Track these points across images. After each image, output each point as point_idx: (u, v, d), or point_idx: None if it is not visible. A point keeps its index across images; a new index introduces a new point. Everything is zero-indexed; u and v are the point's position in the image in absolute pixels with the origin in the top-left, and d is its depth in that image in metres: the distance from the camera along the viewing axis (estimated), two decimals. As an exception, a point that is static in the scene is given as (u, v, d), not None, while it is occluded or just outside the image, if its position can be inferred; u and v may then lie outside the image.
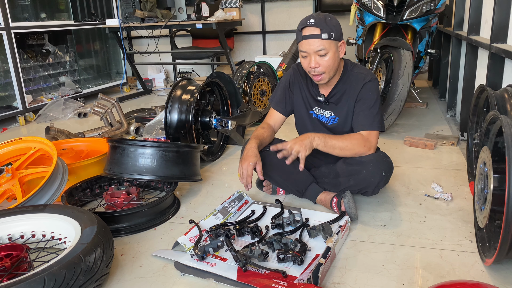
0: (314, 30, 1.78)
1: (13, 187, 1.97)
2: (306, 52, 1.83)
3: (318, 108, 2.05)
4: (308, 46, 1.81)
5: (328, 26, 1.78)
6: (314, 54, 1.81)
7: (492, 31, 2.24)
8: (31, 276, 1.22)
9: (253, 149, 1.90)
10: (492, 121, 1.59)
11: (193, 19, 4.51)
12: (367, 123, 1.91)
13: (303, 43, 1.82)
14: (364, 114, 1.92)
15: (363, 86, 1.93)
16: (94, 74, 5.32)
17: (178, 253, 1.64)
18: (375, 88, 1.94)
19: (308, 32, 1.79)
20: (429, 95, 4.44)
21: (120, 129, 3.38)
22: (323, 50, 1.80)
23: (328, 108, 2.02)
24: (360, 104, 1.93)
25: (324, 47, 1.79)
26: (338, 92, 1.97)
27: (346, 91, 1.96)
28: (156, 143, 2.07)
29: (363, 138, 1.90)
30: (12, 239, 1.65)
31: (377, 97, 1.94)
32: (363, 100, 1.93)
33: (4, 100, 4.08)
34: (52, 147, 2.09)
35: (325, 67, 1.84)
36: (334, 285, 1.43)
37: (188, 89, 2.57)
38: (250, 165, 1.83)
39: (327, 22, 1.79)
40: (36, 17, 4.48)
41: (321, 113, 2.04)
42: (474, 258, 1.54)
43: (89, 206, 2.13)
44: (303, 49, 1.83)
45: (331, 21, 1.80)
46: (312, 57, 1.82)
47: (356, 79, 1.95)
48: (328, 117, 2.03)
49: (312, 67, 1.84)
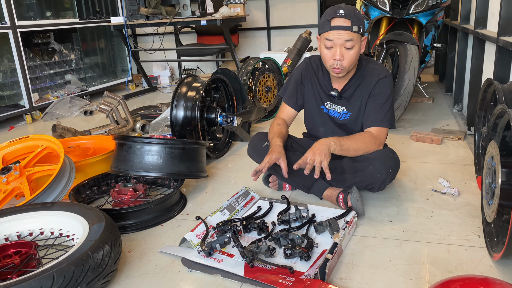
0: (344, 21, 1.75)
1: (21, 185, 1.98)
2: (333, 42, 1.79)
3: (330, 103, 2.03)
4: (337, 36, 1.76)
5: (358, 19, 1.77)
6: (340, 46, 1.78)
7: (500, 24, 2.21)
8: (40, 273, 1.23)
9: (279, 146, 1.89)
10: (499, 115, 1.57)
11: (198, 15, 4.51)
12: (378, 119, 1.90)
13: (331, 33, 1.77)
14: (376, 110, 1.91)
15: (377, 82, 1.91)
16: (99, 72, 5.34)
17: (185, 249, 1.64)
18: (389, 85, 1.93)
19: (338, 23, 1.76)
20: (435, 89, 4.41)
21: (126, 126, 3.39)
22: (351, 42, 1.77)
23: (340, 103, 2.00)
24: (373, 99, 1.92)
25: (353, 39, 1.77)
26: (352, 87, 1.96)
27: (359, 86, 1.95)
28: (162, 140, 2.07)
29: (373, 136, 1.89)
30: (21, 236, 1.66)
31: (390, 93, 1.92)
32: (376, 96, 1.92)
33: (11, 99, 4.10)
34: (59, 145, 2.11)
35: (348, 61, 1.82)
36: (341, 280, 1.43)
37: (193, 86, 2.57)
38: (273, 157, 1.82)
39: (356, 14, 1.77)
40: (42, 15, 4.49)
41: (333, 108, 2.02)
42: (482, 253, 1.53)
43: (97, 203, 2.14)
44: (330, 38, 1.78)
45: (359, 15, 1.79)
46: (338, 49, 1.79)
47: (370, 74, 1.93)
48: (340, 112, 2.01)
49: (336, 59, 1.81)
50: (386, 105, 1.91)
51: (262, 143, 2.06)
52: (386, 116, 1.91)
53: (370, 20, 3.45)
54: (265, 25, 5.91)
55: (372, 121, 1.92)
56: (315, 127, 2.11)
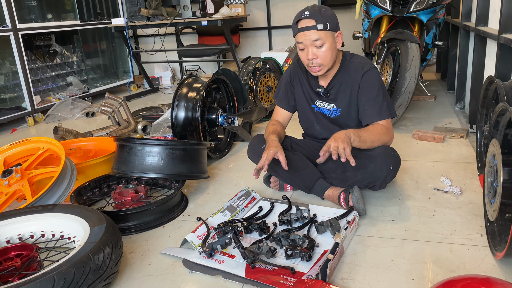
0: (309, 22, 1.80)
1: (23, 187, 1.99)
2: (303, 44, 1.84)
3: (320, 101, 2.05)
4: (304, 38, 1.82)
5: (323, 17, 1.79)
6: (311, 45, 1.82)
7: (501, 21, 2.20)
8: (41, 275, 1.23)
9: (275, 141, 1.91)
10: (501, 113, 1.56)
11: (198, 16, 4.50)
12: (376, 113, 1.90)
13: (299, 36, 1.83)
14: (371, 105, 1.91)
15: (362, 76, 1.92)
16: (101, 74, 5.35)
17: (186, 250, 1.64)
18: (376, 76, 1.93)
19: (304, 24, 1.81)
20: (437, 87, 4.39)
21: (127, 127, 3.39)
22: (319, 41, 1.80)
23: (329, 100, 2.02)
24: (364, 95, 1.92)
25: (320, 37, 1.80)
26: (337, 83, 1.98)
27: (344, 81, 1.96)
28: (162, 141, 2.07)
29: (385, 128, 1.90)
30: (22, 239, 1.67)
31: (379, 84, 1.92)
32: (365, 90, 1.92)
33: (13, 101, 4.12)
34: (60, 147, 2.11)
35: (322, 58, 1.85)
36: (342, 280, 1.42)
37: (194, 86, 2.57)
38: (271, 152, 1.83)
39: (321, 13, 1.80)
40: (43, 18, 4.50)
41: (323, 106, 2.04)
42: (484, 252, 1.52)
43: (98, 205, 2.14)
44: (300, 40, 1.84)
45: (325, 12, 1.81)
46: (309, 49, 1.84)
47: (354, 69, 1.95)
48: (330, 109, 2.02)
49: (309, 59, 1.85)
50: (378, 97, 1.90)
51: (261, 145, 2.05)
52: (383, 108, 1.90)
53: (371, 18, 3.43)
54: (266, 25, 5.90)
55: (370, 116, 1.91)
56: (310, 125, 2.12)
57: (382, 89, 1.92)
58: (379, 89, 1.91)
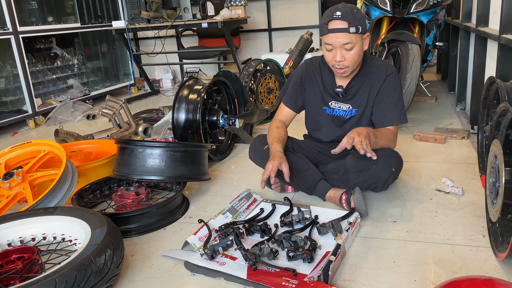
0: (341, 23, 1.74)
1: (24, 190, 1.98)
2: (332, 45, 1.79)
3: (335, 102, 2.02)
4: (335, 40, 1.77)
5: (356, 19, 1.74)
6: (340, 48, 1.78)
7: (501, 22, 2.20)
8: (42, 278, 1.23)
9: (280, 152, 1.89)
10: (502, 114, 1.56)
11: (199, 18, 4.51)
12: (394, 117, 1.91)
13: (329, 37, 1.78)
14: (390, 108, 1.91)
15: (385, 79, 1.91)
16: (102, 76, 5.35)
17: (188, 252, 1.64)
18: (398, 81, 1.94)
19: (335, 26, 1.75)
20: (438, 88, 4.39)
21: (128, 130, 3.39)
22: (349, 44, 1.77)
23: (345, 100, 1.99)
24: (384, 97, 1.92)
25: (351, 40, 1.76)
26: (357, 83, 1.96)
27: (365, 82, 1.94)
28: (163, 143, 2.07)
29: (394, 134, 1.93)
30: (24, 241, 1.66)
31: (400, 89, 1.93)
32: (386, 93, 1.91)
33: (14, 104, 4.12)
34: (61, 150, 2.11)
35: (350, 61, 1.82)
36: (344, 282, 1.42)
37: (194, 88, 2.57)
38: (276, 163, 1.81)
39: (353, 15, 1.75)
40: (44, 21, 4.51)
41: (338, 107, 2.01)
42: (487, 253, 1.52)
43: (99, 208, 2.14)
44: (329, 42, 1.79)
45: (357, 14, 1.76)
46: (338, 51, 1.79)
47: (377, 71, 1.93)
48: (346, 110, 2.00)
49: (337, 61, 1.81)
50: (399, 102, 1.92)
51: (263, 146, 2.05)
52: (402, 113, 1.93)
53: (371, 20, 3.43)
54: (266, 27, 5.91)
55: (389, 119, 1.92)
56: (318, 128, 2.10)
57: (402, 95, 1.94)
58: (400, 94, 1.93)
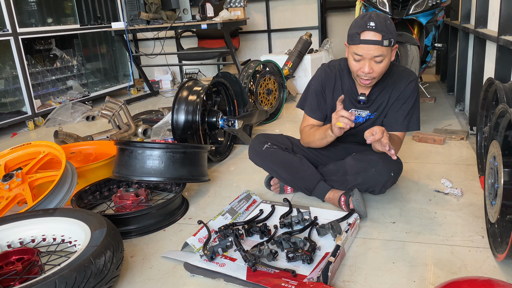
0: (375, 35, 1.66)
1: (24, 191, 1.99)
2: (362, 57, 1.71)
3: (355, 110, 1.95)
4: (367, 52, 1.69)
5: (389, 31, 1.67)
6: (370, 60, 1.71)
7: (500, 23, 2.21)
8: (42, 279, 1.23)
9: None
10: (501, 115, 1.56)
11: (198, 19, 4.51)
12: (405, 124, 1.92)
13: (360, 47, 1.69)
14: (403, 114, 1.91)
15: (408, 84, 1.89)
16: (101, 77, 5.35)
17: (187, 254, 1.64)
18: (418, 89, 1.93)
19: (369, 37, 1.67)
20: (437, 89, 4.39)
21: (128, 131, 3.39)
22: (380, 57, 1.70)
23: (364, 107, 1.94)
24: (401, 102, 1.90)
25: (383, 54, 1.69)
26: (378, 90, 1.91)
27: (385, 88, 1.91)
28: (163, 145, 2.07)
29: (400, 140, 1.94)
30: (23, 243, 1.66)
31: (418, 97, 1.93)
32: (405, 99, 1.90)
33: (13, 105, 4.12)
34: (61, 151, 2.11)
35: (377, 73, 1.75)
36: (344, 283, 1.42)
37: (194, 90, 2.57)
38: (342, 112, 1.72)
39: (387, 26, 1.67)
40: (43, 22, 4.51)
41: (358, 114, 1.96)
42: (486, 254, 1.52)
43: (99, 209, 2.14)
44: (360, 53, 1.70)
45: (391, 26, 1.69)
46: (367, 63, 1.71)
47: (399, 76, 1.90)
48: (365, 116, 1.97)
49: (365, 72, 1.73)
50: (414, 109, 1.92)
51: (262, 146, 2.05)
52: (412, 120, 1.93)
53: (370, 21, 3.44)
54: (265, 28, 5.91)
55: (400, 125, 1.92)
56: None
57: (418, 103, 1.94)
58: (417, 102, 1.93)
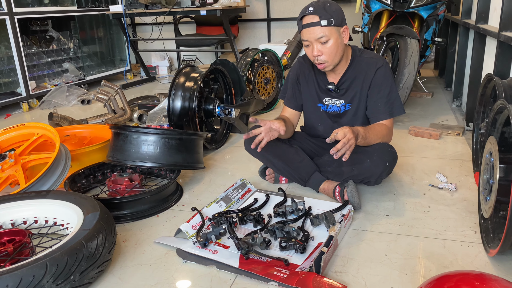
0: (313, 18, 1.76)
1: (16, 172, 1.97)
2: (308, 41, 1.81)
3: (329, 99, 2.02)
4: (309, 35, 1.79)
5: (327, 12, 1.75)
6: (315, 42, 1.79)
7: (501, 19, 2.20)
8: (33, 261, 1.22)
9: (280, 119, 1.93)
10: (499, 111, 1.56)
11: (197, 5, 4.47)
12: (388, 111, 1.91)
13: (303, 32, 1.81)
14: (383, 102, 1.91)
15: (376, 72, 1.90)
16: (97, 61, 5.30)
17: (180, 240, 1.64)
18: (389, 73, 1.92)
19: (308, 21, 1.78)
20: (435, 84, 4.39)
21: (123, 116, 3.37)
22: (323, 37, 1.77)
23: (339, 96, 1.99)
24: (376, 91, 1.91)
25: (325, 34, 1.77)
26: (348, 78, 1.95)
27: (356, 77, 1.94)
28: (159, 130, 2.06)
29: (388, 128, 1.91)
30: (15, 224, 1.65)
31: (392, 81, 1.92)
32: (378, 87, 1.90)
33: (7, 86, 4.07)
34: (55, 133, 2.09)
35: (327, 55, 1.82)
36: (336, 273, 1.42)
37: (191, 76, 2.55)
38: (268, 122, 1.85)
39: (326, 8, 1.76)
40: (40, 2, 4.44)
41: (332, 103, 2.01)
42: (477, 249, 1.53)
43: (92, 193, 2.13)
44: (304, 37, 1.82)
45: (330, 7, 1.77)
46: (314, 45, 1.81)
47: (367, 64, 1.92)
48: (339, 106, 2.00)
49: (315, 56, 1.83)
50: (392, 93, 1.91)
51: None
52: (396, 105, 1.92)
53: (371, 13, 3.42)
54: (265, 17, 5.86)
55: (382, 113, 1.91)
56: (314, 125, 2.10)
57: (394, 85, 1.93)
58: (392, 86, 1.91)
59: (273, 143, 2.01)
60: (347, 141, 1.64)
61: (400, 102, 1.94)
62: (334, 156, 1.64)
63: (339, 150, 1.63)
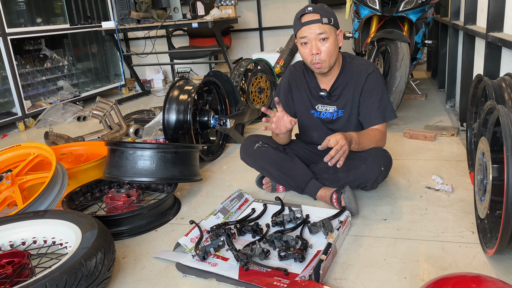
0: (313, 16, 1.80)
1: (13, 193, 1.97)
2: (307, 38, 1.81)
3: (321, 105, 2.03)
4: (309, 31, 1.80)
5: (327, 12, 1.82)
6: (315, 39, 1.81)
7: (488, 20, 2.22)
8: (32, 282, 1.22)
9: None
10: (489, 111, 1.58)
11: (189, 18, 4.50)
12: (380, 116, 1.92)
13: (303, 30, 1.81)
14: (375, 107, 1.92)
15: (367, 78, 1.92)
16: (92, 77, 5.32)
17: (179, 254, 1.64)
18: (380, 78, 1.94)
19: (308, 18, 1.80)
20: (428, 86, 4.42)
21: (119, 131, 3.37)
22: (324, 34, 1.80)
23: (331, 102, 2.01)
24: (368, 97, 1.92)
25: (325, 31, 1.80)
26: (340, 85, 1.97)
27: (348, 83, 1.95)
28: (154, 145, 2.06)
29: (382, 133, 1.93)
30: (14, 246, 1.65)
31: (383, 86, 1.94)
32: (370, 92, 1.92)
33: (3, 107, 4.08)
34: (51, 152, 2.09)
35: (326, 53, 1.83)
36: (336, 281, 1.42)
37: (185, 89, 2.56)
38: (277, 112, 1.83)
39: (325, 9, 1.83)
40: (32, 22, 4.47)
41: (325, 110, 2.03)
42: (476, 249, 1.53)
43: (90, 210, 2.13)
44: (304, 34, 1.81)
45: (328, 9, 1.85)
46: (313, 43, 1.81)
47: (357, 70, 1.94)
48: (332, 112, 2.01)
49: (313, 54, 1.83)
50: (383, 99, 1.93)
51: (253, 145, 2.05)
52: (387, 110, 1.93)
53: (361, 18, 3.45)
54: (257, 26, 5.91)
55: (375, 118, 1.92)
56: (308, 132, 2.11)
57: (385, 91, 1.95)
58: (384, 91, 1.93)
59: (269, 152, 2.02)
60: (340, 148, 1.65)
61: (392, 107, 1.96)
62: (328, 163, 1.66)
63: (332, 157, 1.64)
